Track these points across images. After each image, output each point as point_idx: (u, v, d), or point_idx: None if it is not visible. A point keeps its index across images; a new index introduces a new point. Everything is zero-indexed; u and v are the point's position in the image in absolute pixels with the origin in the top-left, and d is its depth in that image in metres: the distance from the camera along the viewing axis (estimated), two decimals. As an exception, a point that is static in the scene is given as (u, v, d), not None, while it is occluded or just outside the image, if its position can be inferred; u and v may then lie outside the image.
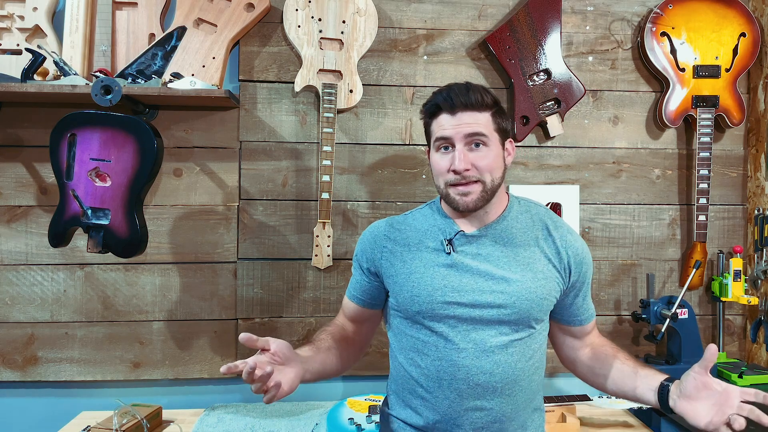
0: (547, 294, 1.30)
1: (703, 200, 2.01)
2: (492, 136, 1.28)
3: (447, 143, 1.28)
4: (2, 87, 1.71)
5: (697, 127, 2.01)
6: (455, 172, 1.26)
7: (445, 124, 1.28)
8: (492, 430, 1.27)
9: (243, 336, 1.12)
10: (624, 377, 1.33)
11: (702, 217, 2.01)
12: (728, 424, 1.12)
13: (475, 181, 1.27)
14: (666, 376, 1.28)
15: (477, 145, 1.27)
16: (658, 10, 2.02)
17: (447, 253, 1.31)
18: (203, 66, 1.89)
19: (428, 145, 1.37)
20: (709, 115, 2.01)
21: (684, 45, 2.02)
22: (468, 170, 1.26)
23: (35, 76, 1.75)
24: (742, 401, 1.13)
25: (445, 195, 1.31)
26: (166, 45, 1.80)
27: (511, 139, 1.36)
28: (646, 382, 1.29)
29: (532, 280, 1.29)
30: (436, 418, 1.28)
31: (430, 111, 1.32)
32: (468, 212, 1.31)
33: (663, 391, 1.26)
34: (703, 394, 1.19)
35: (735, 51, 2.02)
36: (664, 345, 2.06)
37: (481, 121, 1.27)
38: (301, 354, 1.27)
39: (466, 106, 1.27)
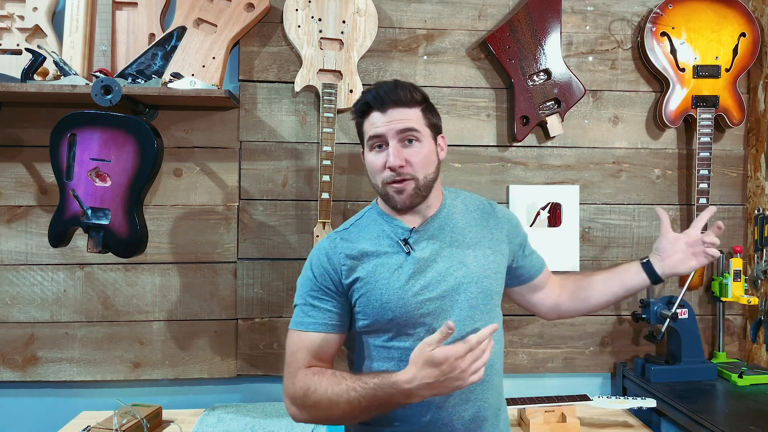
0: (499, 266, 1.37)
1: (703, 200, 2.00)
2: (424, 131, 1.29)
3: (380, 141, 1.27)
4: (2, 87, 1.71)
5: (697, 127, 2.01)
6: (391, 168, 1.25)
7: (376, 122, 1.26)
8: (476, 420, 1.28)
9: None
10: (607, 283, 1.47)
11: (702, 217, 2.01)
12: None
13: (409, 179, 1.26)
14: (640, 260, 1.46)
15: (410, 141, 1.27)
16: (658, 10, 2.02)
17: (407, 254, 1.29)
18: (203, 66, 1.89)
19: (362, 145, 1.33)
20: (709, 115, 2.01)
21: (684, 45, 2.02)
22: (402, 166, 1.25)
23: (35, 76, 1.75)
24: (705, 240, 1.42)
25: (384, 194, 1.29)
26: (166, 45, 1.80)
27: (443, 135, 1.37)
28: (628, 272, 1.46)
29: (484, 257, 1.34)
30: (424, 420, 1.26)
31: (361, 110, 1.30)
32: (406, 209, 1.30)
33: (647, 267, 1.44)
34: (676, 247, 1.43)
35: (735, 51, 2.02)
36: (664, 345, 2.06)
37: (412, 116, 1.27)
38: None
39: (396, 103, 1.26)
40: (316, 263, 1.31)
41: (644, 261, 1.45)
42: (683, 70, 2.02)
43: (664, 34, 2.02)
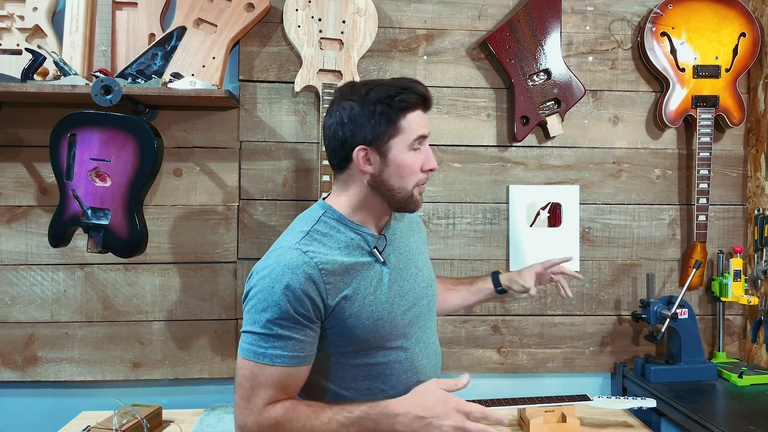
0: (431, 266, 1.41)
1: (703, 200, 2.01)
2: None
3: (423, 142, 1.20)
4: (2, 87, 1.71)
5: (697, 127, 2.01)
6: (431, 170, 1.21)
7: (422, 121, 1.19)
8: None
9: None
10: (466, 296, 1.65)
11: (702, 217, 2.01)
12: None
13: None
14: (492, 281, 1.64)
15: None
16: (658, 10, 2.02)
17: (382, 263, 1.21)
18: (203, 66, 1.89)
19: (377, 142, 1.16)
20: (709, 115, 2.01)
21: (684, 45, 2.02)
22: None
23: (35, 76, 1.75)
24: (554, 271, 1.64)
25: (409, 197, 1.20)
26: (166, 45, 1.80)
27: None
28: (483, 291, 1.64)
29: (426, 260, 1.38)
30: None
31: (411, 103, 1.17)
32: (413, 212, 1.28)
33: (495, 278, 1.64)
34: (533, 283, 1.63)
35: (735, 51, 2.02)
36: (664, 345, 2.06)
37: None
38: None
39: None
40: (290, 286, 1.09)
41: (495, 280, 1.64)
42: (683, 70, 2.02)
43: (664, 34, 2.02)
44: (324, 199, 1.27)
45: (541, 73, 2.00)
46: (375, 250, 1.21)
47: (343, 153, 1.19)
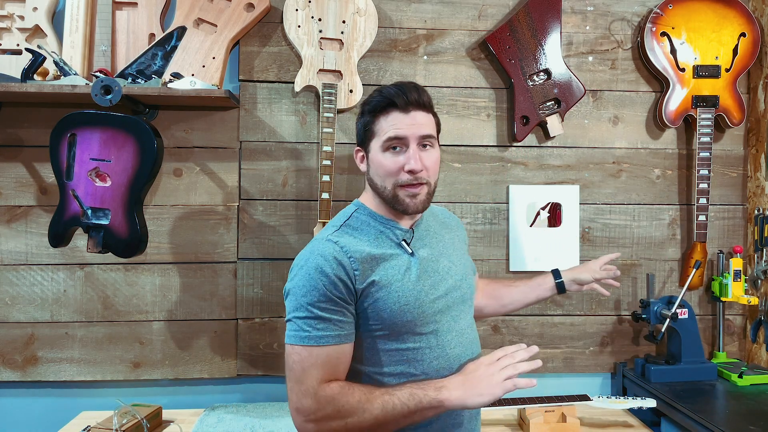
0: (471, 265, 1.44)
1: (703, 200, 2.01)
2: (436, 137, 1.30)
3: (400, 143, 1.23)
4: (2, 87, 1.71)
5: (697, 127, 2.01)
6: (411, 172, 1.23)
7: (398, 123, 1.23)
8: (472, 411, 1.32)
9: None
10: (525, 294, 1.64)
11: (702, 217, 2.01)
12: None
13: (424, 183, 1.26)
14: (551, 275, 1.65)
15: (425, 146, 1.26)
16: (658, 10, 2.02)
17: (410, 254, 1.28)
18: (203, 66, 1.89)
19: (364, 144, 1.29)
20: (709, 115, 2.01)
21: (684, 45, 2.02)
22: (422, 171, 1.24)
23: (35, 76, 1.75)
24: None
25: (392, 197, 1.25)
26: (166, 45, 1.80)
27: None
28: (541, 287, 1.64)
29: (461, 257, 1.41)
30: (439, 418, 1.26)
31: (380, 106, 1.24)
32: (416, 214, 1.30)
33: (556, 275, 1.64)
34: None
35: (735, 51, 2.02)
36: (664, 345, 2.06)
37: (429, 122, 1.28)
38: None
39: (418, 106, 1.25)
40: (324, 271, 1.19)
41: (555, 273, 1.64)
42: (683, 70, 2.02)
43: (664, 34, 2.02)
44: (359, 198, 1.38)
45: (541, 73, 2.00)
46: (403, 242, 1.28)
47: (355, 156, 1.35)
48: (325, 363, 1.18)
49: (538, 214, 2.07)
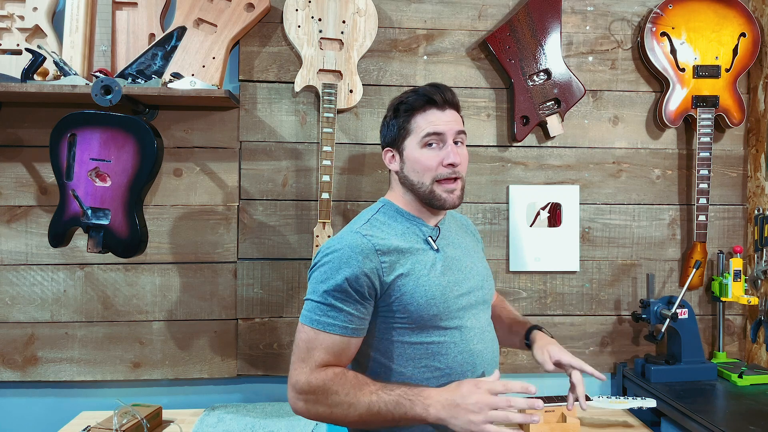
0: (489, 270, 1.47)
1: (703, 200, 2.01)
2: (465, 135, 1.37)
3: (438, 139, 1.29)
4: (2, 87, 1.71)
5: (697, 127, 2.01)
6: (452, 165, 1.29)
7: (436, 120, 1.30)
8: None
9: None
10: (504, 335, 1.52)
11: (702, 217, 2.01)
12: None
13: (459, 178, 1.32)
14: (529, 330, 1.47)
15: (457, 143, 1.33)
16: (658, 10, 2.02)
17: (435, 251, 1.32)
18: (203, 66, 1.89)
19: (396, 144, 1.33)
20: (709, 115, 2.01)
21: (684, 45, 2.02)
22: (460, 164, 1.31)
23: (35, 76, 1.75)
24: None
25: (429, 192, 1.30)
26: (166, 45, 1.80)
27: None
28: (517, 335, 1.49)
29: (481, 259, 1.46)
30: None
31: (419, 104, 1.31)
32: (449, 209, 1.34)
33: (527, 337, 1.48)
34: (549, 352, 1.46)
35: (735, 51, 2.02)
36: (664, 345, 2.06)
37: (460, 120, 1.36)
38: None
39: (453, 105, 1.34)
40: (346, 262, 1.21)
41: (530, 333, 1.46)
42: (683, 70, 2.02)
43: (664, 34, 2.02)
44: (385, 196, 1.42)
45: (541, 73, 2.00)
46: (429, 238, 1.33)
47: (383, 155, 1.39)
48: (329, 349, 1.22)
49: (538, 214, 2.07)
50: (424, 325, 1.27)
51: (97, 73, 1.77)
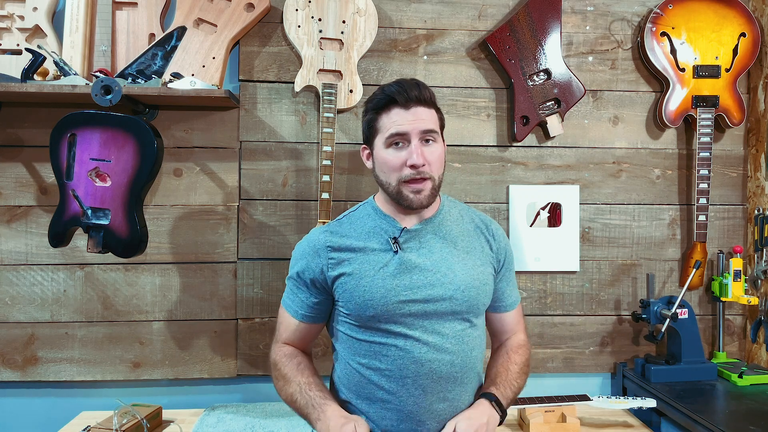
0: (487, 278, 1.36)
1: (703, 200, 2.01)
2: (438, 132, 1.31)
3: (402, 139, 1.26)
4: (2, 87, 1.71)
5: (697, 127, 2.01)
6: (413, 166, 1.25)
7: (399, 119, 1.26)
8: (450, 417, 1.29)
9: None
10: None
11: (702, 217, 2.01)
12: None
13: (427, 178, 1.28)
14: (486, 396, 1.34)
15: (427, 141, 1.28)
16: (658, 10, 2.02)
17: (394, 252, 1.29)
18: (203, 66, 1.89)
19: (369, 142, 1.34)
20: (709, 115, 2.01)
21: (684, 45, 2.02)
22: (424, 165, 1.26)
23: (35, 76, 1.75)
24: None
25: (396, 192, 1.28)
26: (166, 45, 1.80)
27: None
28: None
29: (473, 267, 1.34)
30: (400, 418, 1.27)
31: (381, 104, 1.28)
32: (421, 209, 1.30)
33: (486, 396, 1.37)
34: None
35: (735, 51, 2.02)
36: (664, 345, 2.06)
37: (431, 117, 1.30)
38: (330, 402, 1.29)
39: (419, 101, 1.27)
40: (301, 255, 1.35)
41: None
42: (683, 70, 2.02)
43: (664, 34, 2.02)
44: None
45: (541, 73, 2.00)
46: (392, 240, 1.31)
47: (361, 153, 1.39)
48: (288, 328, 1.39)
49: (538, 214, 2.07)
50: (365, 325, 1.29)
51: (97, 73, 1.77)
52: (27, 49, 1.78)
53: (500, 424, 1.31)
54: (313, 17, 1.92)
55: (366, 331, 1.29)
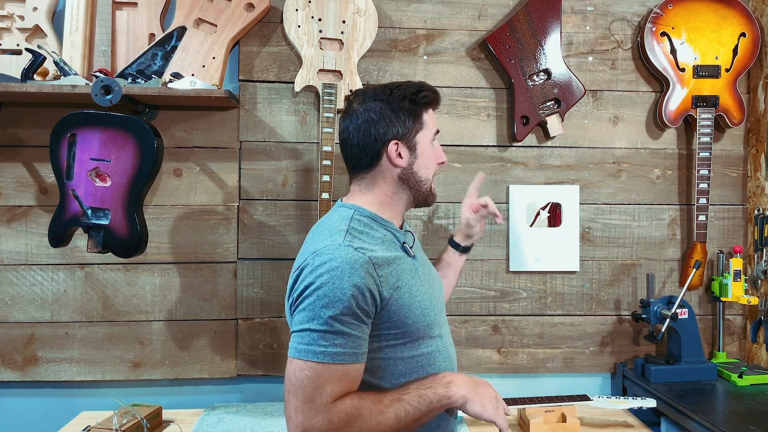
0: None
1: (703, 200, 2.01)
2: None
3: (436, 137, 1.32)
4: (2, 87, 1.71)
5: (697, 127, 2.01)
6: (442, 163, 1.33)
7: (435, 119, 1.32)
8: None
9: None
10: (448, 279, 1.58)
11: (702, 217, 2.01)
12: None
13: None
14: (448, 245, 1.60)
15: None
16: (658, 10, 2.02)
17: (412, 257, 1.27)
18: (203, 66, 1.89)
19: (404, 137, 1.23)
20: (709, 115, 2.01)
21: (684, 45, 2.02)
22: None
23: (35, 76, 1.75)
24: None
25: (429, 189, 1.30)
26: (166, 45, 1.80)
27: None
28: (446, 259, 1.60)
29: (431, 264, 1.42)
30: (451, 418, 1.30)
31: (427, 100, 1.27)
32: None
33: (451, 242, 1.61)
34: (474, 219, 1.59)
35: (735, 51, 2.02)
36: (664, 345, 2.06)
37: None
38: None
39: None
40: (352, 280, 1.09)
41: (449, 239, 1.61)
42: (683, 70, 2.02)
43: (664, 34, 2.02)
44: (342, 200, 1.31)
45: (541, 73, 2.00)
46: (404, 245, 1.26)
47: (374, 150, 1.23)
48: (342, 380, 1.09)
49: (538, 214, 2.07)
50: (417, 337, 1.20)
51: (97, 73, 1.77)
52: (27, 49, 1.78)
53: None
54: (313, 17, 1.92)
55: (413, 345, 1.19)
